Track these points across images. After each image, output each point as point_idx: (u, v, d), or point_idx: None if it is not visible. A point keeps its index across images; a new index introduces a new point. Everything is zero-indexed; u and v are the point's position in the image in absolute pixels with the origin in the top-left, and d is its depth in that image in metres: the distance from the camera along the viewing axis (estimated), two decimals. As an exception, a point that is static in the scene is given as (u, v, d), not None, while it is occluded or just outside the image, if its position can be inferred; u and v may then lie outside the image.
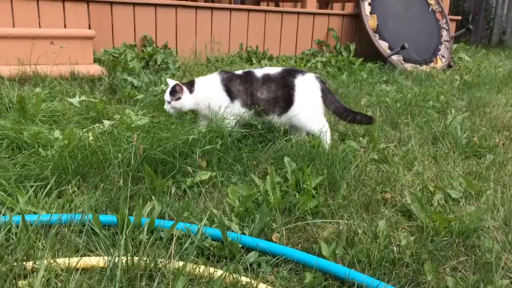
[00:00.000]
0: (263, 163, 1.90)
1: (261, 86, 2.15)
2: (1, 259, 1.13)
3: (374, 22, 4.87)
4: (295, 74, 2.17)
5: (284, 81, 2.15)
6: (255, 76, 2.17)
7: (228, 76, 2.20)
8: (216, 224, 1.40)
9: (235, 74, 2.21)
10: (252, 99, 2.15)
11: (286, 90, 2.14)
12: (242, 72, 2.23)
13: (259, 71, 2.20)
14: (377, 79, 4.04)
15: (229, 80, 2.18)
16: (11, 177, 1.53)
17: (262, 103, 2.14)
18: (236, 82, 2.17)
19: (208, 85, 2.22)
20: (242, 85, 2.16)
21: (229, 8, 4.53)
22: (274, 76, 2.16)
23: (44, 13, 3.75)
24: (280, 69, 2.20)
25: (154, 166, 1.66)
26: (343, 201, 1.61)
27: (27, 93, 2.52)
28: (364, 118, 2.24)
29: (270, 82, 2.15)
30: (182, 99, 2.18)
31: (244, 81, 2.17)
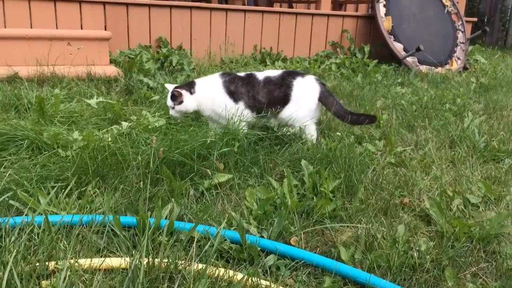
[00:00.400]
0: (279, 165, 1.90)
1: (262, 89, 2.15)
2: (24, 259, 1.14)
3: (389, 23, 4.84)
4: (295, 75, 2.18)
5: (283, 81, 2.15)
6: (257, 78, 2.17)
7: (230, 78, 2.19)
8: (235, 226, 1.41)
9: (237, 76, 2.20)
10: (254, 102, 2.15)
11: (283, 89, 2.14)
12: (244, 74, 2.22)
13: (260, 73, 2.20)
14: (392, 81, 4.02)
15: (231, 82, 2.17)
16: (32, 178, 1.55)
17: (263, 106, 2.14)
18: (239, 84, 2.16)
19: (210, 87, 2.20)
20: (244, 87, 2.16)
21: (243, 10, 4.53)
22: (274, 78, 2.16)
23: (61, 14, 3.80)
24: (281, 71, 2.21)
25: (172, 168, 1.67)
26: (361, 205, 1.61)
27: (45, 94, 2.55)
28: (368, 118, 2.23)
29: (270, 85, 2.15)
30: (184, 102, 2.15)
31: (246, 83, 2.16)
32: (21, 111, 2.37)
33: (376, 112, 2.74)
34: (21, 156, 1.78)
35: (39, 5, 3.72)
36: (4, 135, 1.86)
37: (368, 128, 2.54)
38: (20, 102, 2.36)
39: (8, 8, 3.63)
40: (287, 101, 2.14)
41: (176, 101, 2.15)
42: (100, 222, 1.35)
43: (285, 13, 4.74)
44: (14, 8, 3.64)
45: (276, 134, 2.10)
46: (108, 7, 3.95)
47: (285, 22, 4.73)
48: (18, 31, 3.35)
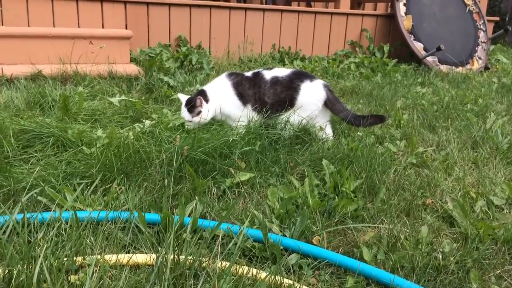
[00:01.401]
0: (300, 164, 1.91)
1: (268, 90, 2.13)
2: (53, 254, 1.17)
3: (409, 22, 4.79)
4: (303, 78, 2.15)
5: (291, 83, 2.13)
6: (264, 78, 2.15)
7: (238, 80, 2.17)
8: (257, 225, 1.42)
9: (244, 76, 2.18)
10: (260, 102, 2.14)
11: (289, 92, 2.13)
12: (251, 73, 2.20)
13: (268, 72, 2.17)
14: (412, 80, 3.98)
15: (239, 84, 2.16)
16: (58, 175, 1.58)
17: (270, 107, 2.13)
18: (246, 86, 2.15)
19: (221, 90, 2.17)
20: (251, 89, 2.15)
21: (262, 9, 4.54)
22: (282, 79, 2.14)
23: (83, 13, 3.86)
24: (289, 72, 2.18)
25: (194, 166, 1.68)
26: (383, 205, 1.60)
27: (69, 92, 2.60)
28: (378, 119, 2.22)
29: (277, 85, 2.13)
30: (202, 112, 2.07)
31: (253, 84, 2.15)
32: (45, 109, 2.41)
33: (396, 112, 2.72)
34: (47, 153, 1.82)
35: (62, 4, 3.78)
36: (30, 132, 1.90)
37: (389, 128, 2.52)
38: (44, 100, 2.41)
39: (32, 7, 3.69)
40: (292, 104, 2.14)
41: (194, 113, 2.07)
42: (126, 219, 1.38)
43: (304, 12, 4.73)
44: (38, 7, 3.71)
45: (296, 133, 2.10)
46: (129, 6, 4.00)
47: (304, 21, 4.72)
48: (42, 30, 3.41)
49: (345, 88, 3.53)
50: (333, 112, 2.21)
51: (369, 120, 2.20)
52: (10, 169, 1.59)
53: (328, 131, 2.20)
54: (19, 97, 2.53)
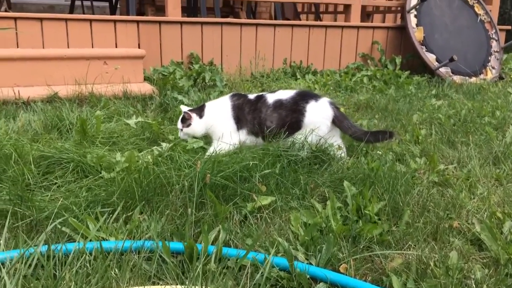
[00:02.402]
0: (320, 186, 1.88)
1: (271, 114, 2.11)
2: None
3: (420, 34, 4.77)
4: (308, 99, 2.12)
5: (296, 106, 2.11)
6: (266, 102, 2.14)
7: (239, 103, 2.17)
8: (282, 252, 1.40)
9: (246, 99, 2.19)
10: (261, 128, 2.13)
11: (295, 115, 2.11)
12: (254, 97, 2.20)
13: (271, 96, 2.16)
14: (426, 93, 3.95)
15: (239, 107, 2.16)
16: (80, 203, 1.57)
17: (272, 130, 2.11)
18: (245, 111, 2.15)
19: (218, 109, 2.21)
20: (251, 114, 2.14)
21: (273, 24, 4.55)
22: (286, 102, 2.12)
23: (96, 33, 3.90)
24: (293, 93, 2.15)
25: (215, 191, 1.67)
26: (408, 228, 1.57)
27: (85, 114, 2.61)
28: (387, 135, 2.18)
29: (281, 109, 2.11)
30: (192, 125, 2.19)
31: (253, 109, 2.14)
32: (63, 132, 2.42)
33: (414, 128, 2.69)
34: (67, 179, 1.82)
35: (76, 25, 3.83)
36: (50, 158, 1.91)
37: (407, 144, 2.49)
38: (62, 123, 2.42)
39: (46, 29, 3.74)
40: (299, 127, 2.12)
41: (185, 124, 2.19)
42: (150, 249, 1.36)
43: (314, 26, 4.73)
44: (52, 28, 3.75)
45: (315, 153, 2.08)
46: (142, 25, 4.03)
47: (314, 35, 4.73)
48: (57, 52, 3.45)
49: (359, 103, 3.51)
50: (341, 129, 2.18)
51: (379, 136, 2.17)
52: (32, 198, 1.58)
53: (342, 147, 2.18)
54: (37, 121, 2.55)
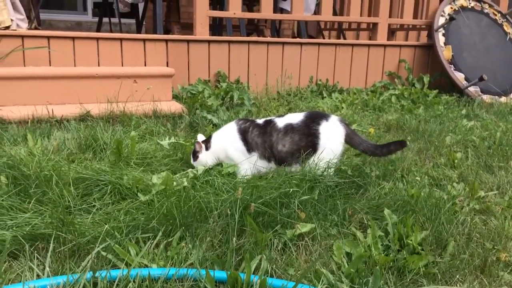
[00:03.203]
0: (358, 212, 1.85)
1: (282, 137, 2.09)
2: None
3: (448, 53, 4.72)
4: (319, 120, 2.10)
5: (308, 129, 2.08)
6: (276, 126, 2.11)
7: (246, 126, 2.16)
8: (325, 284, 1.37)
9: (254, 123, 2.17)
10: (272, 151, 2.10)
11: (310, 139, 2.08)
12: (263, 121, 2.17)
13: (280, 120, 2.13)
14: (456, 113, 3.88)
15: (246, 130, 2.14)
16: (121, 228, 1.57)
17: (284, 155, 2.09)
18: (254, 134, 2.12)
19: (224, 136, 2.21)
20: (261, 137, 2.11)
21: (299, 43, 4.56)
22: (297, 126, 2.09)
23: (126, 51, 3.96)
24: (302, 116, 2.13)
25: (254, 217, 1.65)
26: (453, 260, 1.52)
27: (119, 134, 2.63)
28: (399, 145, 2.17)
29: (293, 133, 2.08)
30: (200, 157, 2.18)
31: (263, 132, 2.11)
32: (97, 152, 2.45)
33: (449, 151, 2.64)
34: (105, 202, 1.83)
35: (107, 43, 3.89)
36: (88, 180, 1.92)
37: (443, 168, 2.44)
38: (97, 143, 2.44)
39: (78, 47, 3.82)
40: (315, 150, 2.08)
41: (195, 157, 2.20)
42: (192, 277, 1.35)
43: (340, 44, 4.72)
44: (84, 47, 3.83)
45: (352, 178, 2.05)
46: (170, 44, 4.08)
47: (341, 54, 4.72)
48: (89, 70, 3.51)
49: (389, 123, 3.46)
50: (353, 146, 2.17)
51: (391, 148, 2.16)
52: (73, 221, 1.59)
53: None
54: (71, 139, 2.58)
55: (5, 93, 3.22)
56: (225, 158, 2.19)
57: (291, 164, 2.10)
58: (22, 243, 1.50)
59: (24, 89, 3.26)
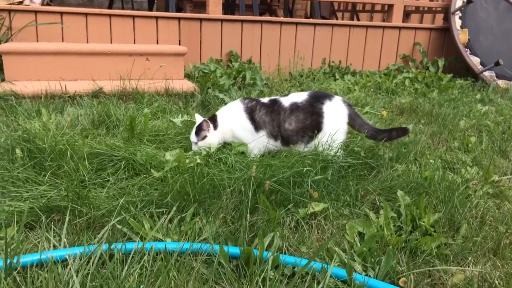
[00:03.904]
0: (371, 193, 1.85)
1: (289, 116, 2.08)
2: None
3: (464, 36, 4.64)
4: (323, 100, 2.09)
5: (313, 108, 2.07)
6: (282, 105, 2.10)
7: (252, 105, 2.14)
8: (337, 262, 1.38)
9: (260, 102, 2.15)
10: (280, 130, 2.09)
11: (314, 118, 2.07)
12: (268, 100, 2.16)
13: (285, 99, 2.13)
14: (471, 97, 3.83)
15: (253, 109, 2.12)
16: (135, 202, 1.59)
17: (290, 133, 2.08)
18: (262, 112, 2.11)
19: (230, 115, 2.17)
20: (268, 115, 2.10)
21: (313, 23, 4.50)
22: (302, 104, 2.08)
23: (138, 29, 3.94)
24: (306, 95, 2.12)
25: (267, 195, 1.66)
26: (466, 242, 1.52)
27: (132, 111, 2.64)
28: (401, 132, 2.14)
29: (298, 111, 2.08)
30: (208, 137, 2.11)
31: (271, 111, 2.10)
32: (110, 128, 2.46)
33: (463, 135, 2.61)
34: (118, 177, 1.84)
35: (120, 21, 3.88)
36: (102, 155, 1.93)
37: (456, 152, 2.42)
38: (110, 120, 2.45)
39: (91, 24, 3.81)
40: (320, 128, 2.07)
41: (200, 136, 2.12)
42: (206, 252, 1.36)
43: (355, 26, 4.66)
44: (96, 24, 3.82)
45: (365, 160, 2.04)
46: (183, 22, 4.05)
47: (354, 35, 4.65)
48: (102, 47, 3.50)
49: (402, 106, 3.43)
50: (354, 127, 2.15)
51: (392, 133, 2.13)
52: (88, 195, 1.61)
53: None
54: (84, 116, 2.59)
55: (18, 68, 3.23)
56: (231, 138, 2.17)
57: (297, 143, 2.10)
58: (39, 215, 1.52)
59: (37, 65, 3.26)
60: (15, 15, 3.61)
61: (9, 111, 2.66)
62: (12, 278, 1.20)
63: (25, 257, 1.26)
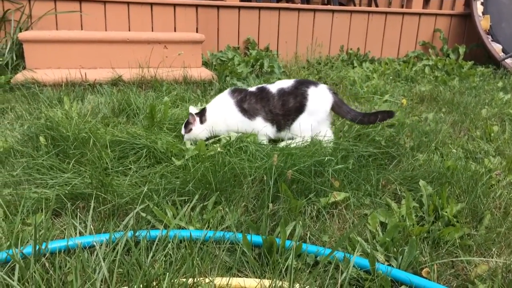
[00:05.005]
0: (392, 183, 1.84)
1: (277, 103, 2.11)
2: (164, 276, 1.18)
3: (486, 23, 4.54)
4: (308, 84, 2.12)
5: (297, 91, 2.10)
6: (270, 92, 2.12)
7: (241, 96, 2.15)
8: (359, 252, 1.38)
9: (248, 92, 2.16)
10: (273, 116, 2.11)
11: (298, 99, 2.09)
12: (256, 88, 2.17)
13: (273, 86, 2.14)
14: (492, 85, 3.76)
15: (242, 100, 2.13)
16: (158, 190, 1.61)
17: (281, 118, 2.11)
18: (252, 101, 2.12)
19: (219, 108, 2.17)
20: (259, 102, 2.12)
21: (331, 10, 4.45)
22: (288, 89, 2.12)
23: (156, 17, 3.95)
24: (292, 81, 2.15)
25: (288, 185, 1.66)
26: (490, 233, 1.51)
27: (151, 99, 2.66)
28: (386, 115, 2.12)
29: (284, 96, 2.10)
30: (193, 130, 2.14)
31: (260, 98, 2.12)
32: (130, 116, 2.48)
33: (486, 124, 2.57)
34: (140, 165, 1.86)
35: (138, 8, 3.88)
36: (123, 143, 1.95)
37: (478, 141, 2.39)
38: (130, 108, 2.47)
39: (109, 11, 3.82)
40: (302, 110, 2.09)
41: (187, 129, 2.14)
42: (228, 240, 1.38)
43: (374, 12, 4.59)
44: (115, 11, 3.83)
45: (385, 149, 2.03)
46: (200, 9, 4.04)
47: (373, 22, 4.59)
48: (120, 35, 3.51)
49: (422, 94, 3.39)
50: (340, 115, 2.17)
51: (378, 116, 2.12)
52: (111, 183, 1.63)
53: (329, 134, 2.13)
54: (104, 104, 2.62)
55: (39, 56, 3.27)
56: (224, 131, 2.17)
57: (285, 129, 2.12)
58: (64, 202, 1.55)
59: (57, 53, 3.30)
60: (34, 3, 3.64)
61: (31, 98, 2.70)
62: (41, 264, 1.23)
63: (53, 243, 1.29)
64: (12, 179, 1.72)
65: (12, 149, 1.95)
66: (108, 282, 1.16)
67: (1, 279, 1.11)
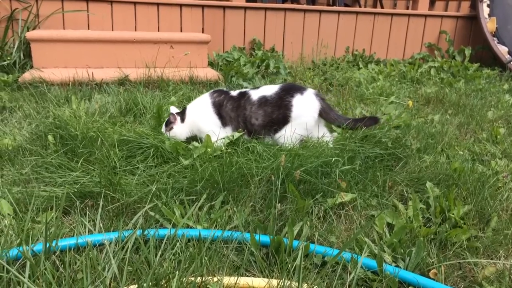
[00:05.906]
0: (398, 184, 1.84)
1: (256, 111, 2.05)
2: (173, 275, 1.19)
3: (492, 25, 4.53)
4: (293, 93, 2.05)
5: (281, 101, 2.03)
6: (250, 99, 2.07)
7: (219, 100, 2.11)
8: (366, 252, 1.38)
9: (228, 96, 2.11)
10: (246, 125, 2.07)
11: (281, 111, 2.03)
12: (237, 93, 2.12)
13: (255, 92, 2.09)
14: (498, 88, 3.76)
15: (220, 104, 2.10)
16: (166, 189, 1.62)
17: (257, 128, 2.06)
18: (228, 108, 2.08)
19: (197, 109, 2.15)
20: (234, 111, 2.07)
21: (337, 11, 4.45)
22: (271, 98, 2.04)
23: (163, 17, 3.96)
24: (277, 88, 2.08)
25: (295, 185, 1.67)
26: (498, 235, 1.51)
27: (158, 99, 2.67)
28: (373, 120, 2.10)
29: (267, 105, 2.04)
30: (174, 129, 2.13)
31: (237, 106, 2.07)
32: (137, 115, 2.49)
33: (492, 126, 2.57)
34: (148, 164, 1.87)
35: (144, 8, 3.90)
36: (131, 142, 1.97)
37: (485, 144, 2.39)
38: (137, 107, 2.48)
39: (116, 11, 3.84)
40: (286, 122, 2.04)
41: (168, 127, 2.14)
42: (236, 239, 1.38)
43: (379, 14, 4.59)
44: (121, 11, 3.85)
45: (391, 150, 2.03)
46: (206, 10, 4.05)
47: (379, 23, 4.59)
48: (127, 34, 3.53)
49: (428, 96, 3.38)
50: (328, 121, 2.13)
51: (365, 122, 2.10)
52: (120, 182, 1.64)
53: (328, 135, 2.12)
54: (112, 103, 2.63)
55: (46, 55, 3.29)
56: (198, 132, 2.16)
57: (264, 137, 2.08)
58: (73, 200, 1.56)
59: (64, 52, 3.32)
60: (42, 2, 3.66)
61: (39, 97, 2.72)
62: (51, 261, 1.24)
63: (63, 241, 1.30)
64: (21, 177, 1.74)
65: (21, 147, 1.97)
66: (118, 280, 1.17)
67: (13, 276, 1.12)
